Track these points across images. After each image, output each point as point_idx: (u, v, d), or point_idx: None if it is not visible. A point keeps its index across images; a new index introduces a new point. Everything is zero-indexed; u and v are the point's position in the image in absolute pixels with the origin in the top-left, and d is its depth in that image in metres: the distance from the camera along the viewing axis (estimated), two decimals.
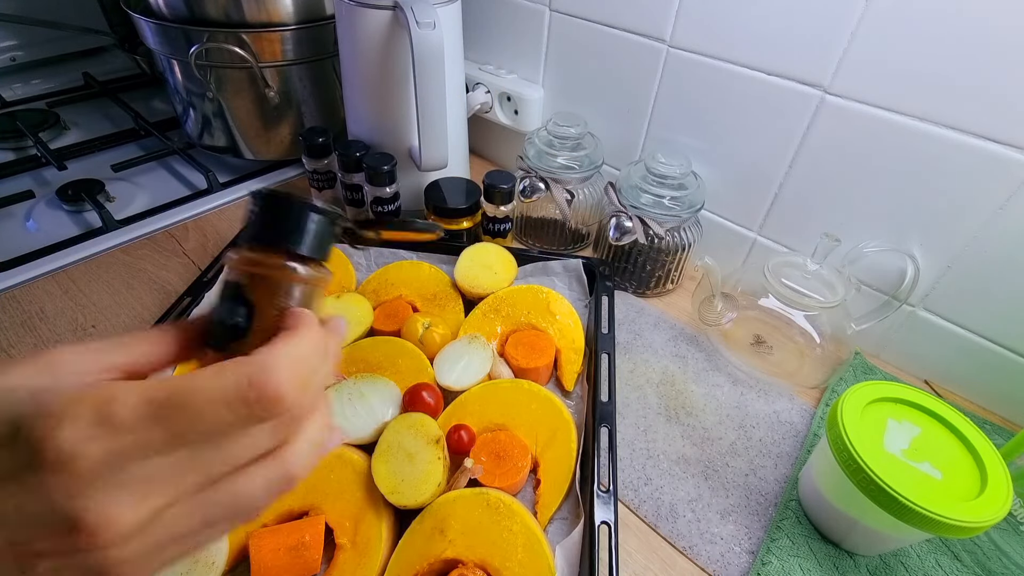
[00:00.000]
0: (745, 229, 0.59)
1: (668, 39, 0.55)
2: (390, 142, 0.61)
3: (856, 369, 0.53)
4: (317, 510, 0.36)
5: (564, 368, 0.48)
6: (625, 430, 0.46)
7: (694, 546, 0.39)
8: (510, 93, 0.70)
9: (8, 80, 0.91)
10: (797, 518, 0.41)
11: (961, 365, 0.50)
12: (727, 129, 0.55)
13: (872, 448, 0.34)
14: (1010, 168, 0.41)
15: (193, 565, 0.32)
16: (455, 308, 0.52)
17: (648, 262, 0.58)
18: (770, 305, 0.49)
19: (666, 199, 0.54)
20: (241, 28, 0.62)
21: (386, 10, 0.53)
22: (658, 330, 0.56)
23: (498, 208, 0.58)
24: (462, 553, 0.34)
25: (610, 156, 0.66)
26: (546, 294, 0.51)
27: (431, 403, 0.41)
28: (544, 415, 0.42)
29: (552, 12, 0.63)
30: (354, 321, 0.47)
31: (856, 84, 0.46)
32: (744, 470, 0.44)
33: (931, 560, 0.39)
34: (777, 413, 0.48)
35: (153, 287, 0.57)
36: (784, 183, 0.53)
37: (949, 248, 0.47)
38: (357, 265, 0.57)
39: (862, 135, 0.47)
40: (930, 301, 0.50)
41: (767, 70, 0.50)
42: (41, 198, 0.67)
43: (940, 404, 0.37)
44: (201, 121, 0.72)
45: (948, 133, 0.43)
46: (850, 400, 0.37)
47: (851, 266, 0.49)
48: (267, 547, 0.34)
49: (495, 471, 0.39)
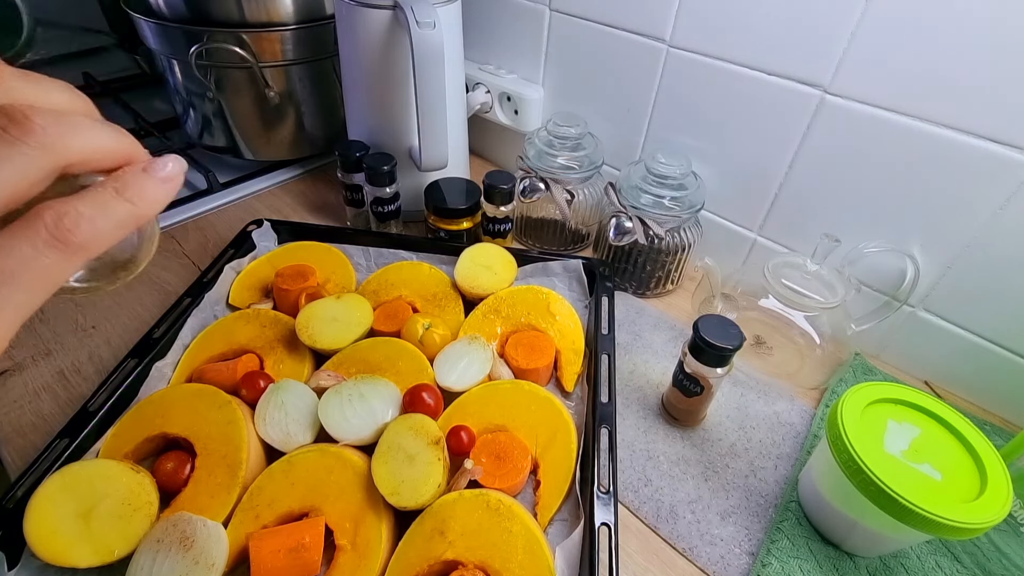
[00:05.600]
0: (745, 229, 0.59)
1: (668, 39, 0.55)
2: (390, 142, 0.61)
3: (856, 370, 0.53)
4: (317, 511, 0.36)
5: (564, 369, 0.48)
6: (625, 431, 0.46)
7: (694, 547, 0.39)
8: (510, 93, 0.70)
9: None
10: (797, 519, 0.41)
11: (961, 366, 0.50)
12: (727, 129, 0.55)
13: (872, 449, 0.34)
14: (1010, 168, 0.41)
15: (193, 566, 0.32)
16: (455, 309, 0.52)
17: (648, 262, 0.58)
18: (770, 306, 0.49)
19: (666, 199, 0.54)
20: (241, 28, 0.62)
21: (386, 10, 0.53)
22: (658, 331, 0.56)
23: (498, 208, 0.58)
24: (462, 554, 0.34)
25: (610, 156, 0.66)
26: (546, 295, 0.51)
27: (431, 404, 0.41)
28: (544, 416, 0.42)
29: (552, 12, 0.63)
30: (354, 322, 0.47)
31: (856, 84, 0.46)
32: (744, 471, 0.44)
33: (931, 561, 0.39)
34: (777, 414, 0.48)
35: (153, 287, 0.57)
36: (784, 183, 0.53)
37: (949, 249, 0.47)
38: (357, 266, 0.57)
39: (862, 135, 0.47)
40: (930, 302, 0.50)
41: (767, 70, 0.50)
42: None
43: (940, 405, 0.37)
44: (201, 121, 0.72)
45: (948, 133, 0.43)
46: (850, 401, 0.37)
47: (851, 267, 0.49)
48: (267, 548, 0.34)
49: (495, 472, 0.39)
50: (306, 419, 0.40)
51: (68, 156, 0.16)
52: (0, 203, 0.15)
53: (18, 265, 0.15)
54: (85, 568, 0.33)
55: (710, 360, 0.42)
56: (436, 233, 0.60)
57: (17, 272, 0.15)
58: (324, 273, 0.54)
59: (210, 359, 0.46)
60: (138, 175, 0.18)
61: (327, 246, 0.57)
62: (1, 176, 0.15)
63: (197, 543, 0.33)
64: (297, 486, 0.37)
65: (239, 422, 0.39)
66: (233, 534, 0.35)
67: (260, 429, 0.40)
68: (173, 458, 0.38)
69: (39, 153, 0.15)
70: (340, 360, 0.46)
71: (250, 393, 0.42)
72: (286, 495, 0.37)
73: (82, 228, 0.16)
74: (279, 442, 0.39)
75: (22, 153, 0.15)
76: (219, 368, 0.44)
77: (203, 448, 0.38)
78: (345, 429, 0.39)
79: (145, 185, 0.18)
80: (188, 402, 0.40)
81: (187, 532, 0.33)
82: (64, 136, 0.16)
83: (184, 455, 0.39)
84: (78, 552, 0.33)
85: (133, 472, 0.36)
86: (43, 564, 0.33)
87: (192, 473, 0.38)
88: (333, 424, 0.39)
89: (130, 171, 0.18)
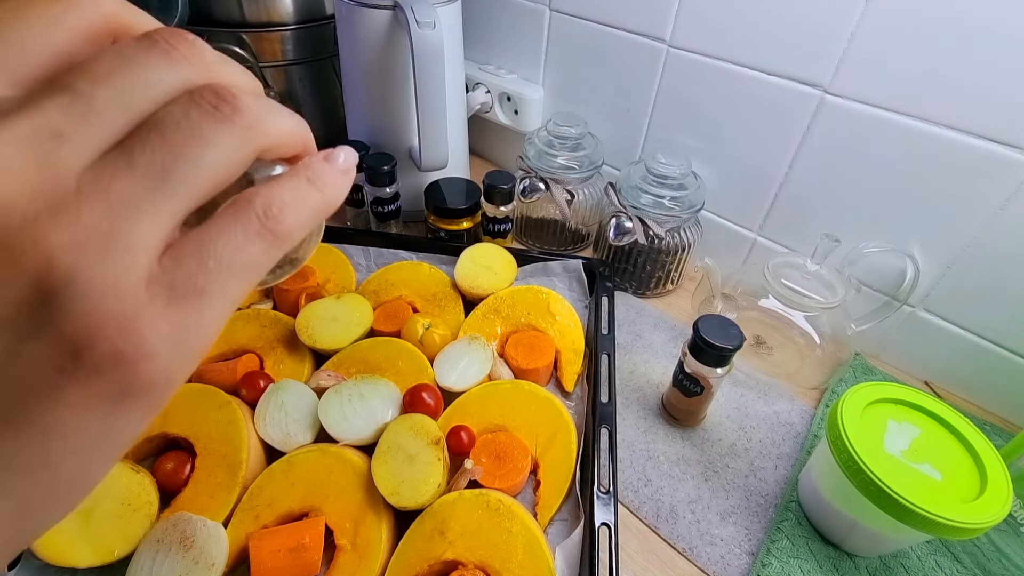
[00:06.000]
0: (745, 229, 0.59)
1: (668, 39, 0.55)
2: (390, 142, 0.61)
3: (856, 370, 0.53)
4: (317, 511, 0.36)
5: (564, 369, 0.48)
6: (625, 431, 0.46)
7: (694, 547, 0.39)
8: (510, 93, 0.70)
9: None
10: (797, 519, 0.41)
11: (961, 366, 0.50)
12: (727, 129, 0.55)
13: (872, 449, 0.34)
14: (1010, 168, 0.41)
15: (193, 566, 0.32)
16: (455, 309, 0.52)
17: (648, 262, 0.58)
18: (770, 306, 0.49)
19: (666, 199, 0.54)
20: (241, 28, 0.62)
21: (386, 10, 0.53)
22: (658, 331, 0.56)
23: (498, 208, 0.58)
24: (462, 554, 0.34)
25: (610, 156, 0.66)
26: (546, 295, 0.51)
27: (431, 404, 0.41)
28: (544, 416, 0.42)
29: (552, 12, 0.63)
30: (354, 322, 0.47)
31: (856, 84, 0.46)
32: (744, 471, 0.44)
33: (931, 561, 0.39)
34: (777, 414, 0.48)
35: None
36: (784, 183, 0.53)
37: (949, 248, 0.47)
38: (357, 266, 0.57)
39: (862, 135, 0.47)
40: (930, 302, 0.50)
41: (767, 70, 0.50)
42: None
43: (940, 405, 0.37)
44: None
45: (948, 133, 0.43)
46: (850, 401, 0.37)
47: (851, 267, 0.49)
48: (267, 548, 0.34)
49: (495, 472, 0.39)
50: (306, 419, 0.40)
51: (268, 139, 0.15)
52: (210, 185, 0.14)
53: (233, 254, 0.14)
54: (85, 568, 0.33)
55: (710, 360, 0.42)
56: (436, 233, 0.60)
57: (233, 262, 0.14)
58: (324, 273, 0.53)
59: (210, 359, 0.46)
60: (324, 164, 0.17)
61: (327, 246, 0.57)
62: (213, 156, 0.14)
63: (197, 543, 0.33)
64: (297, 486, 0.37)
65: (239, 422, 0.39)
66: (233, 534, 0.35)
67: (260, 429, 0.40)
68: (173, 458, 0.38)
69: (246, 134, 0.14)
70: (340, 360, 0.46)
71: (250, 393, 0.42)
72: (286, 495, 0.37)
73: (287, 217, 0.15)
74: (279, 442, 0.39)
75: (231, 133, 0.14)
76: (219, 368, 0.44)
77: (203, 448, 0.38)
78: (345, 429, 0.39)
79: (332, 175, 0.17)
80: (188, 402, 0.40)
81: (187, 532, 0.33)
82: (266, 118, 0.15)
83: (184, 455, 0.39)
84: (78, 552, 0.33)
85: (133, 472, 0.36)
86: (43, 564, 0.33)
87: (192, 473, 0.38)
88: (333, 424, 0.39)
89: (316, 160, 0.17)
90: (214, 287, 0.14)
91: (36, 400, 0.12)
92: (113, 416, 0.13)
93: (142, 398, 0.13)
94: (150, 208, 0.13)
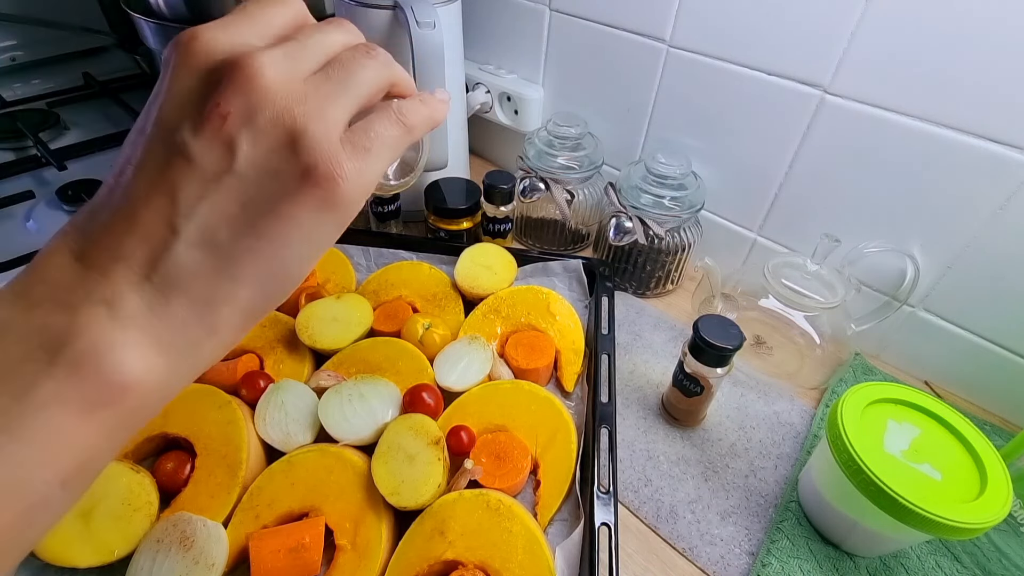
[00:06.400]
0: (745, 229, 0.59)
1: (668, 39, 0.55)
2: None
3: (856, 370, 0.53)
4: (317, 511, 0.36)
5: (564, 369, 0.48)
6: (625, 431, 0.46)
7: (694, 547, 0.39)
8: (510, 93, 0.70)
9: (8, 80, 0.91)
10: (797, 519, 0.41)
11: (961, 366, 0.50)
12: (727, 129, 0.55)
13: (872, 449, 0.34)
14: (1010, 168, 0.41)
15: (193, 566, 0.32)
16: (455, 309, 0.52)
17: (648, 262, 0.58)
18: (770, 306, 0.49)
19: (666, 199, 0.54)
20: None
21: (386, 10, 0.53)
22: (658, 331, 0.56)
23: (498, 208, 0.58)
24: (462, 554, 0.34)
25: (610, 156, 0.66)
26: (546, 295, 0.51)
27: (431, 404, 0.41)
28: (544, 416, 0.42)
29: (552, 12, 0.63)
30: (354, 322, 0.47)
31: (856, 84, 0.46)
32: (744, 471, 0.44)
33: (931, 561, 0.39)
34: (777, 414, 0.48)
35: None
36: (784, 183, 0.53)
37: (949, 248, 0.47)
38: (357, 266, 0.57)
39: (862, 135, 0.47)
40: (930, 302, 0.50)
41: (767, 70, 0.50)
42: (41, 198, 0.67)
43: (940, 405, 0.37)
44: None
45: (948, 133, 0.43)
46: (850, 401, 0.37)
47: (851, 267, 0.49)
48: (267, 548, 0.34)
49: (495, 472, 0.39)
50: (306, 419, 0.40)
51: (395, 74, 0.24)
52: (368, 93, 0.22)
53: (382, 131, 0.22)
54: (85, 568, 0.33)
55: (710, 360, 0.42)
56: (436, 233, 0.60)
57: (382, 136, 0.22)
58: (324, 273, 0.54)
59: None
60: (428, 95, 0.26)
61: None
62: (369, 76, 0.22)
63: (197, 543, 0.33)
64: (297, 486, 0.37)
65: (239, 422, 0.39)
66: (233, 534, 0.35)
67: (260, 429, 0.40)
68: (173, 458, 0.38)
69: (385, 68, 0.23)
70: (340, 360, 0.46)
71: (250, 393, 0.42)
72: (286, 495, 0.37)
73: (411, 115, 0.24)
74: (279, 442, 0.39)
75: (376, 67, 0.23)
76: (219, 368, 0.44)
77: (203, 448, 0.38)
78: (345, 429, 0.39)
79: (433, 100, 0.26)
80: (188, 402, 0.40)
81: (187, 532, 0.33)
82: (393, 62, 0.24)
83: (184, 455, 0.39)
84: (78, 552, 0.33)
85: (133, 472, 0.36)
86: (43, 564, 0.33)
87: (192, 473, 0.38)
88: (333, 424, 0.39)
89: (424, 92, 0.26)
90: (374, 148, 0.22)
91: (282, 199, 0.20)
92: (320, 217, 0.20)
93: (336, 209, 0.21)
94: (341, 100, 0.21)
